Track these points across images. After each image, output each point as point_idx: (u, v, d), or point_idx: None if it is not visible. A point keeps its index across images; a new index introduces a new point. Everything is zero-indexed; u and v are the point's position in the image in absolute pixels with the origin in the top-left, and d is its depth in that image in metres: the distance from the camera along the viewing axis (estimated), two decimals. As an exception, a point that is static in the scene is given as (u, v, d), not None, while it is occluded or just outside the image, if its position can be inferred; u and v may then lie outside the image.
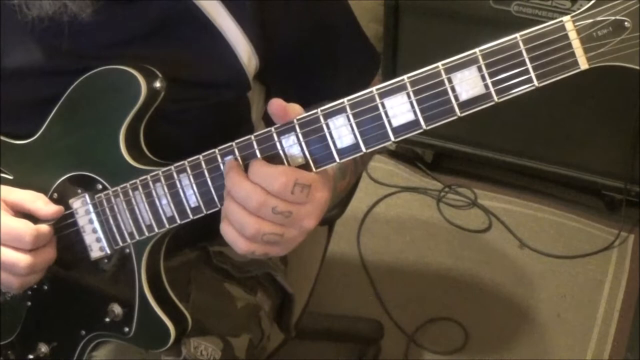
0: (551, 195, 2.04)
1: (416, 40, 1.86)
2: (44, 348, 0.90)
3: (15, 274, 0.81)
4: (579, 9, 0.61)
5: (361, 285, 1.83)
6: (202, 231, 0.95)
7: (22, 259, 0.80)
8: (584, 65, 0.62)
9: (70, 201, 0.84)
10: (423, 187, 2.10)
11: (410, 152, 2.16)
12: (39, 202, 0.83)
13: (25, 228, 0.80)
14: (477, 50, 0.63)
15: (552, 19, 0.62)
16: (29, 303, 0.90)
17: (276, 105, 0.69)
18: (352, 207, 1.21)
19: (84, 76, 0.80)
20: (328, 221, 1.23)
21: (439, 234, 1.97)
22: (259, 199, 0.68)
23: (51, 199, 0.85)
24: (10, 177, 0.88)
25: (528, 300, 1.78)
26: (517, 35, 0.62)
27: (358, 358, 1.66)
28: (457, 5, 1.76)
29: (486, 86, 0.64)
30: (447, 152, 2.07)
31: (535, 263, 1.88)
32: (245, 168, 0.71)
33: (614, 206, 1.95)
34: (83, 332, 0.88)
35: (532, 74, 0.63)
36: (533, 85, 0.63)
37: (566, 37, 0.62)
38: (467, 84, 0.64)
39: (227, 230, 0.71)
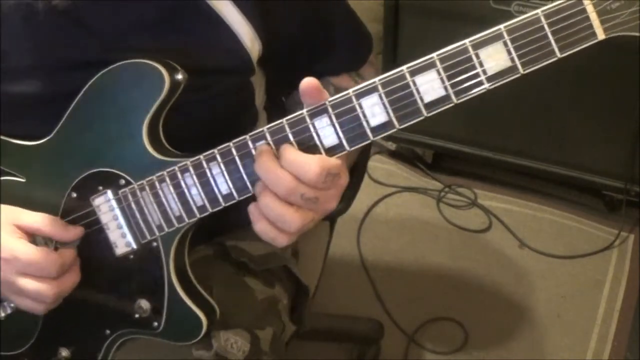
0: (551, 195, 2.04)
1: (416, 40, 1.86)
2: (64, 352, 0.88)
3: (42, 302, 0.80)
4: (578, 8, 0.63)
5: (361, 285, 1.83)
6: (217, 227, 0.94)
7: (48, 289, 0.79)
8: (601, 35, 0.66)
9: (91, 199, 0.83)
10: (423, 187, 2.10)
11: (410, 152, 2.16)
12: (57, 226, 0.81)
13: (49, 259, 0.78)
14: (501, 26, 0.66)
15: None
16: None
17: (308, 84, 0.70)
18: (352, 207, 1.21)
19: (102, 71, 0.79)
20: (330, 217, 1.22)
21: (439, 234, 1.97)
22: (289, 185, 0.69)
23: (69, 197, 0.84)
24: (22, 180, 0.86)
25: (528, 300, 1.78)
26: (539, 11, 0.66)
27: (358, 358, 1.66)
28: (457, 5, 1.76)
29: (512, 60, 0.67)
30: (447, 152, 2.07)
31: (535, 263, 1.88)
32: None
33: (614, 206, 1.95)
34: (107, 332, 0.86)
35: (555, 46, 0.66)
36: (555, 57, 0.67)
37: (584, 10, 0.65)
38: (494, 58, 0.67)
39: (265, 229, 0.72)
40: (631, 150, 1.81)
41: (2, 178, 0.86)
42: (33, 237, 0.82)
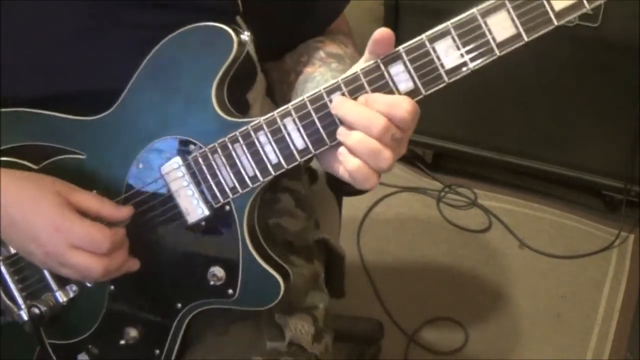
0: (551, 195, 2.04)
1: (416, 40, 1.85)
2: (133, 332, 0.86)
3: (87, 277, 0.80)
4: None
5: (361, 285, 1.83)
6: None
7: (97, 265, 0.78)
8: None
9: (160, 167, 0.81)
10: (423, 187, 2.10)
11: (410, 152, 2.16)
12: (107, 206, 0.81)
13: (104, 234, 0.78)
14: None
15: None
16: (112, 287, 0.86)
17: (384, 32, 0.70)
18: (352, 207, 1.21)
19: (166, 38, 0.78)
20: (349, 193, 1.22)
21: (439, 234, 1.97)
22: (384, 124, 0.69)
23: (135, 169, 0.82)
24: (83, 156, 0.84)
25: (528, 300, 1.78)
26: None
27: (358, 358, 1.66)
28: (457, 5, 1.75)
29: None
30: (447, 152, 2.08)
31: (535, 263, 1.88)
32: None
33: (614, 206, 1.95)
34: (179, 305, 0.85)
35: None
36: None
37: None
38: None
39: (360, 166, 0.72)
40: (631, 150, 1.81)
41: (62, 157, 0.84)
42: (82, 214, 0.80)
